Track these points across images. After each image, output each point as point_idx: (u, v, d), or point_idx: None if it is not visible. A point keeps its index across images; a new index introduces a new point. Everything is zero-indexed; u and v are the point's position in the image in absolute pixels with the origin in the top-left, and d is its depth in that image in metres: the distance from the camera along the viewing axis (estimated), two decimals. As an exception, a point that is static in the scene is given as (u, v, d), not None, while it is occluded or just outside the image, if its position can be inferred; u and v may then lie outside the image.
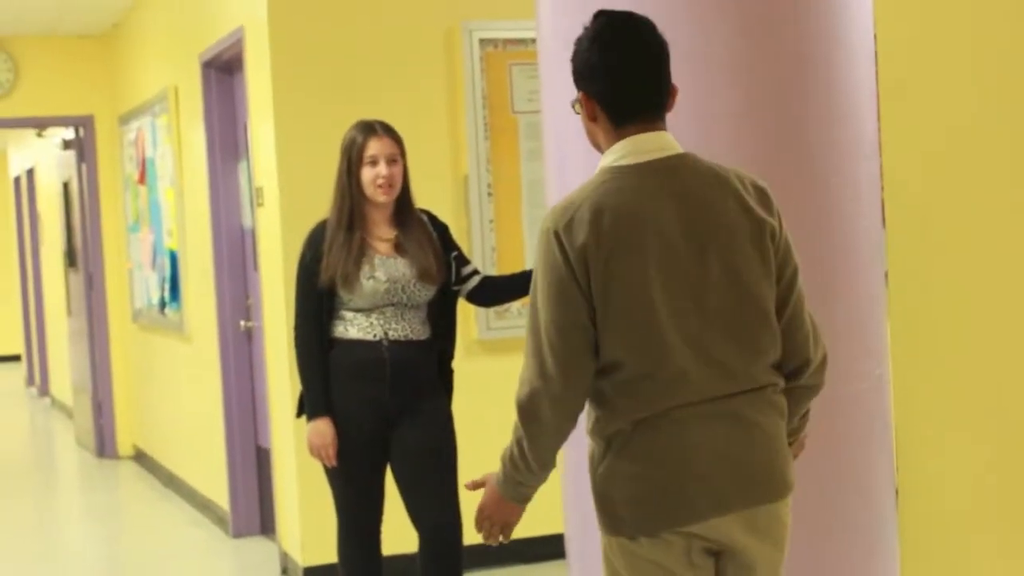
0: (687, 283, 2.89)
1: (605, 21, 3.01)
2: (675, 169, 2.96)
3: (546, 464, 3.02)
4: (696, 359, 2.88)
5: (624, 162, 2.95)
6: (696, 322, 2.89)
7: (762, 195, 2.99)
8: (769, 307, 2.96)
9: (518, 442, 3.02)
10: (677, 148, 2.99)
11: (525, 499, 3.12)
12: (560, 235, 2.89)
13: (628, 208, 2.89)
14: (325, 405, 4.68)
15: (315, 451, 4.70)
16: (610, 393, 2.91)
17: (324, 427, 4.67)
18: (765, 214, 2.97)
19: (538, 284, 2.94)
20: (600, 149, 3.03)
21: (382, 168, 4.67)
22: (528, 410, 2.97)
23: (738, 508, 2.91)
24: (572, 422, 2.97)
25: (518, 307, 6.41)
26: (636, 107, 2.97)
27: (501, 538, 3.18)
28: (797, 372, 3.02)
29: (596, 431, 2.97)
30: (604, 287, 2.87)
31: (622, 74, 2.96)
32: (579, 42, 3.02)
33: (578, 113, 3.06)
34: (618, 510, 2.93)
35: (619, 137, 2.97)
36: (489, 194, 6.50)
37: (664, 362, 2.87)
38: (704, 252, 2.91)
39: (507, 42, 6.55)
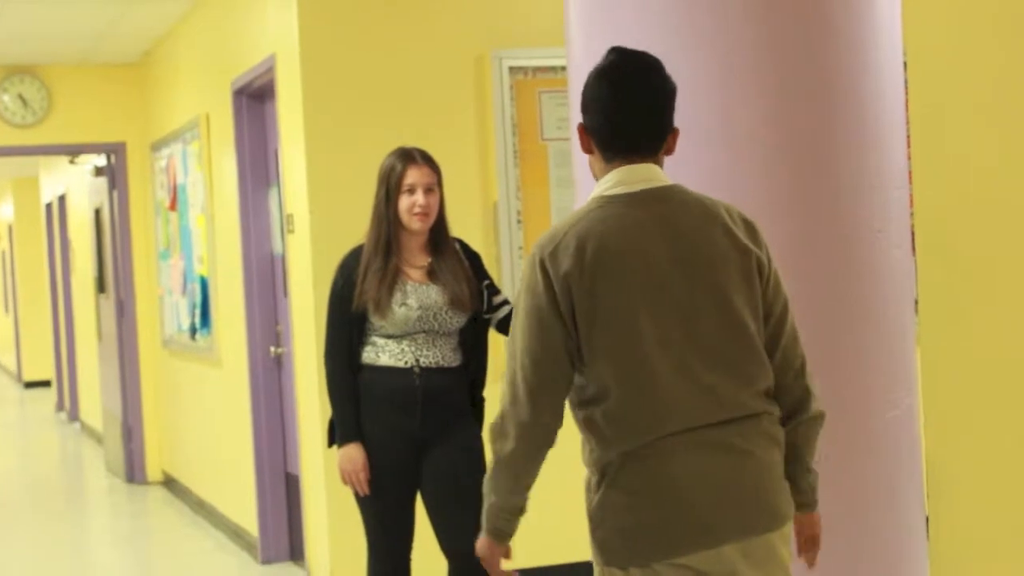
0: (675, 311, 2.90)
1: (615, 57, 3.02)
2: (663, 199, 2.97)
3: (512, 491, 3.03)
4: (684, 387, 2.88)
5: (614, 191, 2.96)
6: (684, 350, 2.89)
7: (750, 228, 3.00)
8: (757, 336, 2.95)
9: (489, 470, 3.05)
10: (666, 180, 3.00)
11: (499, 533, 3.08)
12: (545, 262, 2.90)
13: (614, 237, 2.90)
14: (356, 431, 4.69)
15: (346, 477, 4.71)
16: (600, 423, 2.91)
17: (355, 453, 4.68)
18: (753, 246, 2.97)
19: (519, 311, 2.96)
20: (597, 180, 3.04)
21: (419, 197, 4.68)
22: (496, 434, 2.99)
23: (730, 539, 2.89)
24: (540, 451, 2.98)
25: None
26: (627, 146, 2.98)
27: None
28: (801, 404, 3.02)
29: (590, 461, 2.98)
30: (588, 316, 2.88)
31: (618, 112, 2.98)
32: (588, 75, 3.04)
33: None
34: (610, 541, 2.94)
35: (609, 170, 2.99)
36: (518, 221, 6.51)
37: (651, 391, 2.87)
38: (692, 281, 2.91)
39: (537, 70, 6.57)
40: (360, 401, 4.70)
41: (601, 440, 2.92)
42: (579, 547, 5.42)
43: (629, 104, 2.98)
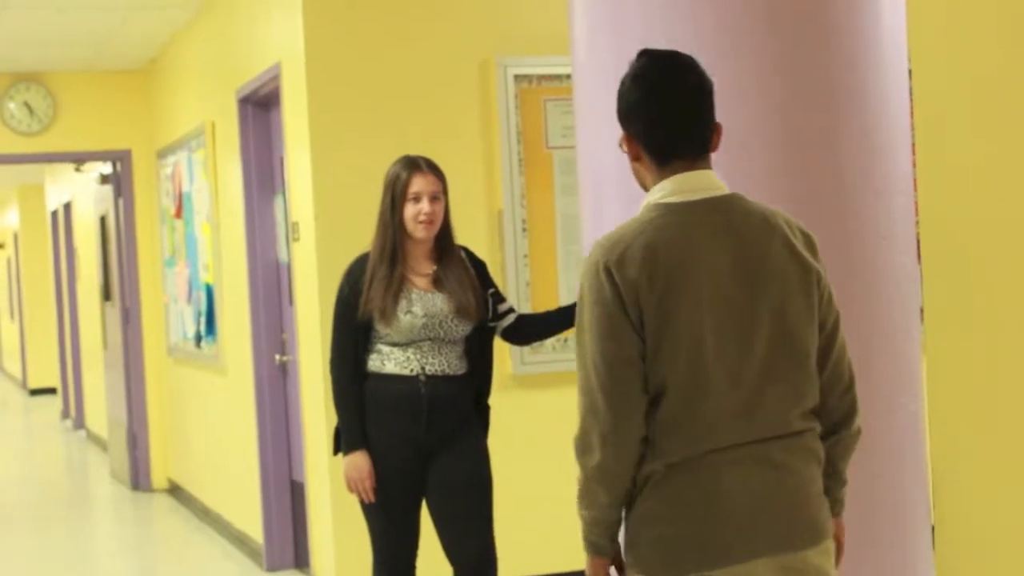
0: (735, 324, 2.86)
1: (648, 60, 2.98)
2: (725, 210, 2.93)
3: (606, 505, 2.93)
4: (736, 402, 2.86)
5: (672, 199, 2.92)
6: (740, 364, 2.86)
7: (809, 241, 2.97)
8: (811, 353, 2.93)
9: (579, 484, 2.95)
10: (724, 188, 2.97)
11: (598, 548, 2.98)
12: (611, 269, 2.85)
13: (680, 246, 2.86)
14: (361, 439, 4.69)
15: (352, 485, 4.71)
16: (649, 433, 2.87)
17: (361, 461, 4.68)
18: (812, 260, 2.94)
19: (585, 319, 2.90)
20: (645, 188, 3.00)
21: (425, 205, 4.69)
22: (581, 448, 2.91)
23: (767, 553, 2.87)
24: (627, 462, 2.89)
25: (552, 343, 6.41)
26: (678, 146, 2.94)
27: None
28: (845, 420, 3.00)
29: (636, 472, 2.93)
30: (656, 325, 2.83)
31: (663, 113, 2.94)
32: (622, 82, 3.00)
33: (625, 152, 3.03)
34: (646, 551, 2.90)
35: (663, 176, 2.94)
36: (523, 229, 6.52)
37: (704, 404, 2.84)
38: (754, 295, 2.88)
39: (541, 78, 6.58)
40: (366, 409, 4.70)
41: (650, 450, 2.87)
42: (571, 556, 5.44)
43: (672, 104, 2.94)
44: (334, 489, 6.18)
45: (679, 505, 2.87)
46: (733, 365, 2.86)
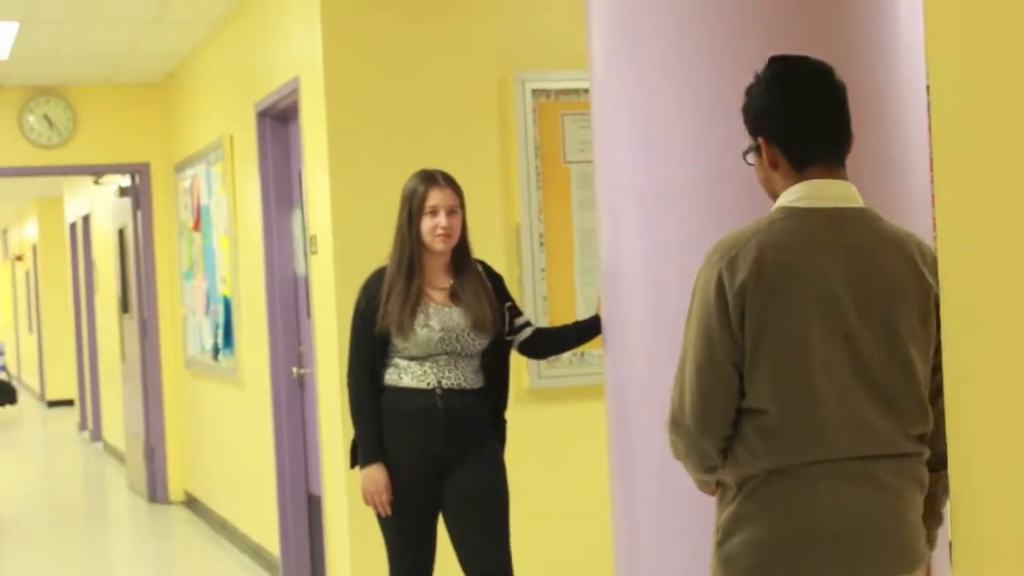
0: (845, 336, 2.82)
1: (783, 64, 2.96)
2: (850, 221, 2.90)
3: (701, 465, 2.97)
4: (843, 415, 2.82)
5: (801, 204, 2.89)
6: (847, 376, 2.82)
7: (935, 268, 2.90)
8: (922, 377, 2.88)
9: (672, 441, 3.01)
10: (859, 200, 2.93)
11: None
12: (722, 271, 2.83)
13: (794, 250, 2.83)
14: (378, 452, 4.69)
15: (369, 498, 4.71)
16: (750, 436, 2.85)
17: (378, 474, 4.68)
18: (935, 284, 2.89)
19: (692, 316, 2.90)
20: (775, 196, 2.96)
21: (442, 219, 4.70)
22: (670, 432, 2.97)
23: (862, 573, 2.84)
24: (704, 463, 2.91)
25: (569, 357, 6.41)
26: (818, 150, 2.91)
27: None
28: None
29: (730, 470, 2.90)
30: (758, 328, 2.81)
31: (803, 116, 2.91)
32: (752, 89, 2.97)
33: (751, 164, 3.00)
34: (738, 555, 2.87)
35: (800, 179, 2.91)
36: (541, 244, 6.52)
37: (810, 411, 2.81)
38: (867, 308, 2.84)
39: (559, 92, 6.58)
40: (383, 422, 4.71)
41: (748, 452, 2.85)
42: (588, 569, 5.44)
43: (812, 107, 2.92)
44: (351, 502, 6.19)
45: (777, 511, 2.83)
46: (841, 376, 2.82)
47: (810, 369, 2.80)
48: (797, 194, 2.90)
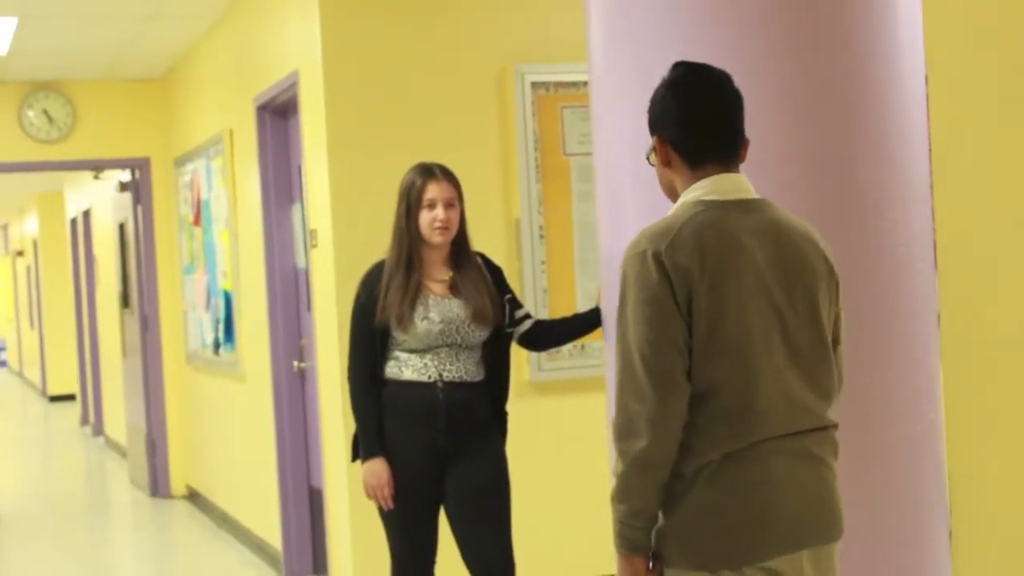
0: (776, 318, 2.94)
1: (684, 68, 3.08)
2: (759, 210, 3.02)
3: (647, 492, 2.90)
4: (782, 394, 2.93)
5: (711, 197, 2.99)
6: (782, 357, 2.94)
7: (826, 246, 3.08)
8: (831, 349, 3.03)
9: (617, 476, 2.93)
10: (754, 193, 3.05)
11: (634, 545, 2.95)
12: (661, 256, 2.88)
13: (725, 239, 2.93)
14: (380, 445, 4.70)
15: (371, 492, 4.72)
16: (701, 423, 2.89)
17: (379, 467, 4.69)
18: (833, 261, 3.06)
19: (629, 306, 2.92)
20: (674, 195, 3.07)
21: (440, 212, 4.70)
22: (623, 432, 2.90)
23: (810, 544, 2.95)
24: (670, 448, 2.88)
25: (569, 349, 6.42)
26: (711, 149, 3.02)
27: None
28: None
29: (681, 461, 2.91)
30: (707, 313, 2.87)
31: (698, 115, 3.03)
32: (656, 91, 3.09)
33: (652, 164, 3.11)
34: (706, 543, 2.90)
35: (696, 178, 3.02)
36: (541, 236, 6.52)
37: (757, 393, 2.90)
38: (792, 290, 2.97)
39: (558, 85, 6.59)
40: (384, 415, 4.72)
41: (703, 440, 2.90)
42: (590, 562, 5.44)
43: (705, 110, 3.03)
44: (352, 496, 6.20)
45: (738, 494, 2.90)
46: (777, 357, 2.93)
47: (754, 352, 2.90)
48: (704, 188, 3.01)
